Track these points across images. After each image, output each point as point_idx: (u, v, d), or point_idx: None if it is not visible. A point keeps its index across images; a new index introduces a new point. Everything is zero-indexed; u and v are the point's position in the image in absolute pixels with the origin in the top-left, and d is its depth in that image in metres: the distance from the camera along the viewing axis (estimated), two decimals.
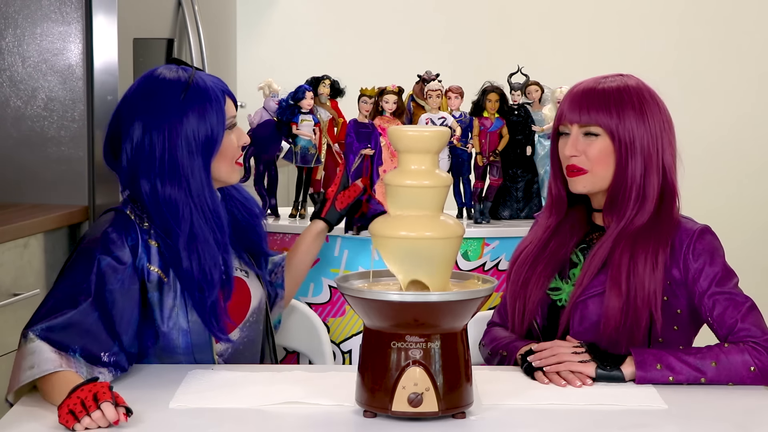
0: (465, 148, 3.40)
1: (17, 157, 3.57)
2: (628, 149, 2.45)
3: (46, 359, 2.18)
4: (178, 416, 2.12)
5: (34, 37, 3.54)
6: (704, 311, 2.46)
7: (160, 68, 2.46)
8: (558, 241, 2.54)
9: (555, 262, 2.53)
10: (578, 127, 2.47)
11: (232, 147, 2.47)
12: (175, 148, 2.38)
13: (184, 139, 2.38)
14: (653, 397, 2.25)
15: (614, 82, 2.49)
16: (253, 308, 2.57)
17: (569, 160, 2.48)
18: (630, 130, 2.45)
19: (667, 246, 2.44)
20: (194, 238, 2.39)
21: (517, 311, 2.54)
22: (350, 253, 3.25)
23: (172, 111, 2.39)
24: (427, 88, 3.43)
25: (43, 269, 3.32)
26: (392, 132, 2.11)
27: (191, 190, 2.39)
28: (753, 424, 2.14)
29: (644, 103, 2.48)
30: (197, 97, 2.40)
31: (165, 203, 2.39)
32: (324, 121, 3.46)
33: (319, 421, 2.10)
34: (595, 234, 2.54)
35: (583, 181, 2.48)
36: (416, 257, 2.07)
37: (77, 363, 2.22)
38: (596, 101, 2.46)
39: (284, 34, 5.49)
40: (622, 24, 5.31)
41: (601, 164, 2.46)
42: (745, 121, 5.29)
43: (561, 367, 2.32)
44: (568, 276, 2.52)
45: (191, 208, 2.39)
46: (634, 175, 2.45)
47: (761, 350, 2.38)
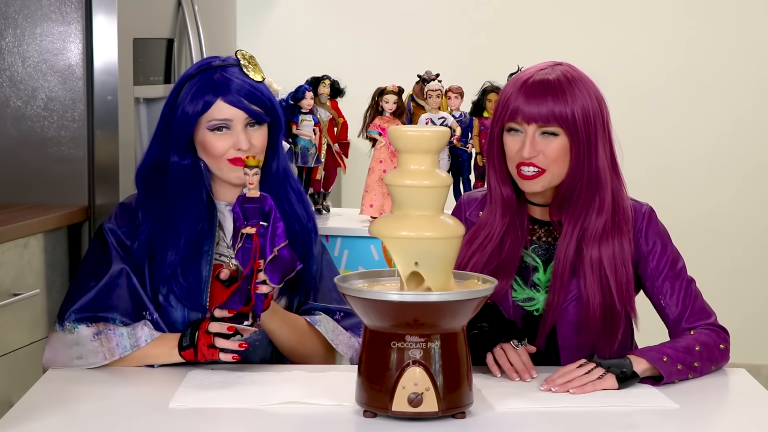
0: (465, 148, 3.41)
1: (17, 157, 3.57)
2: (588, 145, 2.39)
3: (90, 351, 2.41)
4: (178, 416, 2.12)
5: (34, 37, 3.54)
6: (656, 293, 2.48)
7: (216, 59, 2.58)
8: (511, 242, 2.47)
9: (511, 266, 2.47)
10: (536, 127, 2.39)
11: (215, 147, 2.49)
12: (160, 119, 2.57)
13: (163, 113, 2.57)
14: (658, 397, 2.25)
15: (561, 72, 2.41)
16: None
17: (526, 159, 2.39)
18: (587, 125, 2.39)
19: (630, 237, 2.44)
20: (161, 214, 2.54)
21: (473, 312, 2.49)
22: (350, 253, 3.25)
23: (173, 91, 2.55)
24: (427, 88, 3.43)
25: (43, 269, 3.31)
26: (392, 132, 2.11)
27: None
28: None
29: (591, 92, 2.41)
30: (188, 86, 2.51)
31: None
32: (324, 121, 3.46)
33: (319, 421, 2.10)
34: (541, 230, 2.50)
35: (542, 182, 2.41)
36: (416, 257, 2.07)
37: (119, 337, 2.41)
38: (553, 97, 2.38)
39: (284, 34, 5.49)
40: (622, 24, 5.31)
41: (558, 163, 2.40)
42: (745, 121, 5.29)
43: (587, 388, 2.26)
44: (534, 282, 2.49)
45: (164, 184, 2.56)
46: (590, 169, 2.41)
47: (717, 330, 2.46)
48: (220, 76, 2.50)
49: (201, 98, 2.49)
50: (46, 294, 3.33)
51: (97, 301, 2.47)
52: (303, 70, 4.00)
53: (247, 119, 2.50)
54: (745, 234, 5.29)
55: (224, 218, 2.56)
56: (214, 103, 2.49)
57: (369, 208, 3.48)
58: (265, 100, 2.52)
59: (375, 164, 3.49)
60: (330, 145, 3.52)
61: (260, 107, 2.51)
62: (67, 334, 2.44)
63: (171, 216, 2.52)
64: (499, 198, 2.47)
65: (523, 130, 2.40)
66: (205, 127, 2.50)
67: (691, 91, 5.27)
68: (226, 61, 2.55)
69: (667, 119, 5.26)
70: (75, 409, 2.17)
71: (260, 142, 2.51)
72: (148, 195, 2.55)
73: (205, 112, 2.49)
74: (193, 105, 2.50)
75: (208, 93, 2.49)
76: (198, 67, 2.55)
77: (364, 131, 3.51)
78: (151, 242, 2.52)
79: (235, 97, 2.49)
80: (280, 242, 2.28)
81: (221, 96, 2.49)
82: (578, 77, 2.42)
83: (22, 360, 3.18)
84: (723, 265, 5.23)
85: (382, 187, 3.43)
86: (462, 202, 2.61)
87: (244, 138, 2.49)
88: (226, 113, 2.49)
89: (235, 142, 2.49)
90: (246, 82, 2.51)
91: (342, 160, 3.61)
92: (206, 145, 2.51)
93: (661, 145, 5.28)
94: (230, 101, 2.49)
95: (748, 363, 4.76)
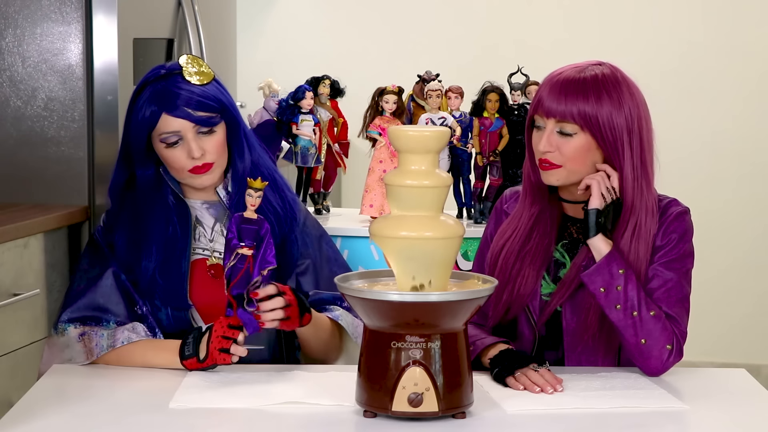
0: (465, 148, 3.40)
1: (17, 157, 3.57)
2: (615, 152, 2.40)
3: (77, 351, 2.45)
4: (178, 416, 2.12)
5: (34, 37, 3.54)
6: (649, 275, 2.44)
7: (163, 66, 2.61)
8: (540, 232, 2.49)
9: (540, 256, 2.49)
10: (554, 123, 2.41)
11: (173, 159, 2.55)
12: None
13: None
14: (664, 398, 2.25)
15: (593, 72, 2.42)
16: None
17: (542, 154, 2.42)
18: (612, 131, 2.39)
19: (648, 251, 2.43)
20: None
21: (503, 303, 2.50)
22: (350, 253, 3.25)
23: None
24: (427, 88, 3.43)
25: (43, 269, 3.31)
26: (392, 132, 2.11)
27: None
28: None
29: (626, 100, 2.41)
30: (139, 99, 2.56)
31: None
32: (324, 121, 3.46)
33: (319, 421, 2.10)
34: (573, 228, 2.52)
35: (556, 175, 2.43)
36: (416, 257, 2.07)
37: (99, 338, 2.45)
38: (574, 95, 2.39)
39: (284, 34, 5.49)
40: (621, 24, 5.31)
41: (575, 160, 2.41)
42: (743, 121, 5.29)
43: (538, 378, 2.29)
44: (560, 278, 2.50)
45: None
46: (623, 170, 2.41)
47: (675, 334, 2.40)
48: (164, 88, 2.53)
49: (148, 110, 2.53)
50: (46, 294, 3.33)
51: (89, 302, 2.51)
52: (303, 70, 4.00)
53: (196, 127, 2.53)
54: (745, 233, 5.29)
55: (201, 214, 2.62)
56: (160, 116, 2.53)
57: (369, 208, 3.48)
58: (212, 103, 2.55)
59: (375, 164, 3.49)
60: (330, 145, 3.51)
61: (208, 112, 2.54)
62: (59, 336, 2.48)
63: (140, 227, 2.57)
64: (530, 185, 2.50)
65: (543, 125, 2.43)
66: (159, 140, 2.55)
67: (689, 91, 5.27)
68: (170, 69, 2.57)
69: (665, 119, 5.26)
70: (75, 408, 2.17)
71: (212, 146, 2.56)
72: (121, 211, 2.61)
73: (152, 124, 2.54)
74: (141, 121, 2.54)
75: (152, 105, 2.53)
76: (144, 79, 2.58)
77: (364, 131, 3.51)
78: (129, 255, 2.56)
79: (179, 108, 2.52)
80: (266, 266, 2.31)
81: (165, 110, 2.52)
82: (615, 81, 2.42)
83: (22, 360, 3.18)
84: (723, 264, 5.23)
85: (382, 187, 3.43)
86: (504, 195, 2.65)
87: (195, 146, 2.53)
88: (173, 125, 2.53)
89: (188, 151, 2.53)
90: (189, 90, 2.53)
91: (342, 160, 3.61)
92: (165, 158, 2.57)
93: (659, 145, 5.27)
94: (175, 114, 2.52)
95: (748, 363, 4.77)
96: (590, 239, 2.40)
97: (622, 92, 2.42)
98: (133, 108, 2.57)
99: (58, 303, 3.37)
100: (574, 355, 2.47)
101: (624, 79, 2.44)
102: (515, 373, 2.30)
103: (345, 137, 3.63)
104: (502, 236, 2.53)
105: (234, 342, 2.34)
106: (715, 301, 5.20)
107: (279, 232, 2.61)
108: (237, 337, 2.34)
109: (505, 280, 2.48)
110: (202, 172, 2.56)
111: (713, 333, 5.20)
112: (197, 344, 2.37)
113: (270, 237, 2.31)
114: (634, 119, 2.42)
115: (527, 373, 2.30)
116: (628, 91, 2.43)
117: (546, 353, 2.50)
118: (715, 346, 5.23)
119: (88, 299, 2.51)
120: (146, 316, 2.50)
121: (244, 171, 2.61)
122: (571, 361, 2.48)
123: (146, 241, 2.56)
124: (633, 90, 2.44)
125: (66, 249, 3.45)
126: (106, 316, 2.49)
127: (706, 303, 5.14)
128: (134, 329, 2.46)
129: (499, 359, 2.35)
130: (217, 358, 2.34)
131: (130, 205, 2.60)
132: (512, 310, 2.50)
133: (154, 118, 2.53)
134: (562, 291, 2.46)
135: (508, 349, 2.38)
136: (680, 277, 2.45)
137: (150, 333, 2.48)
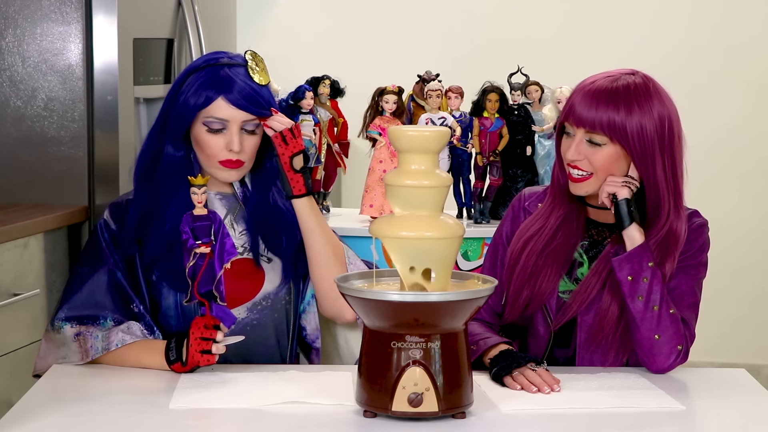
0: (465, 148, 3.41)
1: (17, 157, 3.57)
2: (645, 163, 2.41)
3: (73, 351, 2.45)
4: (177, 417, 2.12)
5: (34, 37, 3.54)
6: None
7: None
8: (564, 233, 2.51)
9: (563, 256, 2.50)
10: (584, 132, 2.42)
11: (209, 145, 2.53)
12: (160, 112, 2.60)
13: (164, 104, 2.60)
14: (663, 398, 2.25)
15: (625, 82, 2.41)
16: (267, 293, 2.59)
17: (571, 161, 2.44)
18: (642, 141, 2.39)
19: (674, 261, 2.45)
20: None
21: (522, 300, 2.51)
22: None
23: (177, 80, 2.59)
24: (427, 88, 3.43)
25: (43, 269, 3.32)
26: (392, 132, 2.11)
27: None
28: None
29: (657, 110, 2.41)
30: (193, 78, 2.54)
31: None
32: (324, 121, 3.46)
33: (319, 421, 2.10)
34: (594, 231, 2.53)
35: (585, 187, 2.45)
36: (416, 257, 2.07)
37: (94, 339, 2.43)
38: (604, 105, 2.39)
39: (284, 34, 5.49)
40: (621, 23, 5.31)
41: (606, 170, 2.43)
42: (742, 121, 5.29)
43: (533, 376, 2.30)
44: (577, 277, 2.51)
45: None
46: (649, 187, 2.43)
47: (688, 341, 2.44)
48: (226, 74, 2.53)
49: (204, 92, 2.52)
50: (46, 294, 3.33)
51: (85, 300, 2.50)
52: (303, 70, 4.00)
53: (244, 122, 2.53)
54: (745, 233, 5.29)
55: (213, 205, 2.61)
56: (215, 99, 2.52)
57: (369, 208, 3.48)
58: (264, 104, 2.55)
59: (375, 164, 3.49)
60: (330, 145, 3.52)
61: (258, 109, 2.54)
62: (55, 334, 2.48)
63: (159, 205, 2.55)
64: (558, 188, 2.52)
65: (573, 132, 2.44)
66: (202, 122, 2.53)
67: (687, 88, 5.27)
68: (234, 59, 2.57)
69: None
70: (75, 409, 2.17)
71: (250, 146, 2.56)
72: (141, 185, 2.58)
73: (205, 106, 2.52)
74: (195, 97, 2.53)
75: (211, 88, 2.52)
76: (205, 60, 2.57)
77: (364, 131, 3.51)
78: (139, 229, 2.55)
79: (236, 97, 2.52)
80: (230, 257, 2.32)
81: (223, 94, 2.52)
82: (647, 92, 2.42)
83: (22, 360, 3.18)
84: (723, 264, 5.23)
85: (382, 187, 3.43)
86: (522, 194, 2.65)
87: (236, 140, 2.52)
88: (225, 113, 2.52)
89: (227, 142, 2.52)
90: (249, 85, 2.54)
91: (342, 160, 3.61)
92: (201, 142, 2.55)
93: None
94: (231, 100, 2.52)
95: (748, 363, 4.77)
96: (626, 229, 2.41)
97: (653, 103, 2.41)
98: (184, 85, 2.55)
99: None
100: (586, 354, 2.48)
101: (656, 90, 2.44)
102: (513, 373, 2.31)
103: (345, 137, 3.63)
104: (525, 233, 2.54)
105: (214, 341, 2.33)
106: (716, 301, 5.20)
107: (285, 239, 2.61)
108: (215, 337, 2.33)
109: (526, 277, 2.50)
110: (231, 167, 2.55)
111: (713, 333, 5.20)
112: (179, 348, 2.36)
113: (225, 228, 2.32)
114: (665, 130, 2.42)
115: (525, 372, 2.30)
116: (659, 101, 2.43)
117: (556, 350, 2.50)
118: (715, 346, 5.23)
119: (85, 296, 2.50)
120: (143, 315, 2.49)
121: (270, 171, 2.62)
122: (583, 361, 2.48)
123: (160, 219, 2.54)
124: (665, 100, 2.44)
125: (66, 249, 3.45)
126: (102, 313, 2.48)
127: (707, 303, 5.11)
128: (129, 329, 2.45)
129: (498, 359, 2.35)
130: (200, 361, 2.34)
131: (151, 182, 2.57)
132: (530, 308, 2.51)
133: (208, 101, 2.51)
134: (583, 296, 2.47)
135: (508, 350, 2.38)
136: (694, 284, 2.49)
137: (147, 330, 2.47)
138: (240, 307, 2.56)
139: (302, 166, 2.56)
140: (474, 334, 2.46)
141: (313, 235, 2.59)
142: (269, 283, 2.60)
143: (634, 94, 2.40)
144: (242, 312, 2.57)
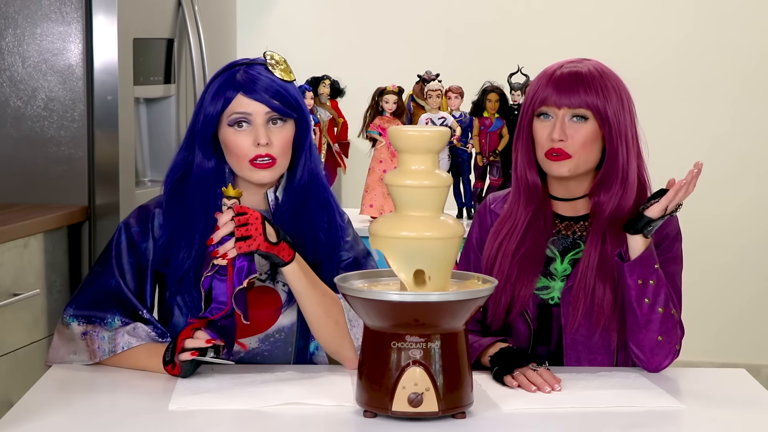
0: (465, 148, 3.41)
1: (17, 157, 3.57)
2: (618, 132, 2.45)
3: (81, 348, 2.45)
4: (177, 418, 2.12)
5: (34, 37, 3.55)
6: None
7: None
8: (534, 234, 2.51)
9: (537, 259, 2.50)
10: (567, 110, 2.44)
11: (236, 145, 2.44)
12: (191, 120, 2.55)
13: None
14: (663, 398, 2.25)
15: (590, 65, 2.48)
16: (282, 326, 2.51)
17: (555, 143, 2.44)
18: (615, 113, 2.45)
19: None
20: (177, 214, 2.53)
21: (502, 306, 2.50)
22: None
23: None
24: (427, 88, 3.43)
25: (43, 269, 3.32)
26: (392, 132, 2.11)
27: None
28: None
29: (620, 88, 2.48)
30: (214, 84, 2.49)
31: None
32: (324, 121, 3.46)
33: (319, 421, 2.10)
34: (561, 225, 2.53)
35: (567, 165, 2.45)
36: (416, 257, 2.07)
37: (101, 341, 2.43)
38: (584, 85, 2.44)
39: (284, 34, 5.49)
40: (621, 23, 5.31)
41: (585, 149, 2.45)
42: (741, 121, 5.29)
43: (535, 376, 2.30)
44: (550, 272, 2.51)
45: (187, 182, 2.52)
46: (624, 157, 2.46)
47: (680, 338, 2.45)
48: (243, 74, 2.46)
49: (222, 95, 2.44)
50: (46, 294, 3.33)
51: (94, 299, 2.48)
52: (303, 70, 4.00)
53: (268, 114, 2.44)
54: (745, 233, 5.28)
55: None
56: (234, 98, 2.44)
57: (369, 208, 3.48)
58: (290, 99, 2.46)
59: (375, 164, 3.49)
60: (330, 145, 3.52)
61: (283, 105, 2.45)
62: (65, 328, 2.48)
63: (186, 219, 2.48)
64: (524, 186, 2.51)
65: (553, 115, 2.45)
66: (227, 124, 2.45)
67: (685, 90, 5.27)
68: (253, 60, 2.51)
69: (662, 119, 5.26)
70: (75, 409, 2.17)
71: (281, 140, 2.45)
72: (173, 198, 2.50)
73: (226, 107, 2.44)
74: (214, 103, 2.45)
75: (229, 89, 2.44)
76: (224, 67, 2.51)
77: (364, 131, 3.52)
78: (169, 247, 2.48)
79: (256, 92, 2.43)
80: (249, 275, 2.29)
81: (241, 91, 2.44)
82: (608, 72, 2.49)
83: (22, 360, 3.18)
84: (722, 264, 5.23)
85: (382, 187, 3.44)
86: (487, 199, 2.65)
87: (263, 132, 2.42)
88: (246, 107, 2.43)
89: (255, 137, 2.43)
90: (270, 78, 2.46)
91: (342, 160, 3.62)
92: (228, 143, 2.45)
93: (656, 145, 5.27)
94: (251, 95, 2.43)
95: (748, 363, 4.77)
96: (632, 235, 2.41)
97: (621, 87, 2.48)
98: (208, 90, 2.48)
99: (58, 303, 3.38)
100: (572, 353, 2.48)
101: (610, 71, 2.50)
102: (514, 373, 2.31)
103: (345, 137, 3.63)
104: (497, 237, 2.53)
105: (190, 340, 2.31)
106: (715, 301, 5.20)
107: (319, 257, 2.51)
108: (201, 327, 2.31)
109: (503, 280, 2.49)
110: (264, 167, 2.43)
111: (713, 333, 5.20)
112: (173, 352, 2.34)
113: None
114: (633, 112, 2.49)
115: (526, 372, 2.30)
116: (622, 86, 2.49)
117: (538, 348, 2.50)
118: (715, 346, 5.23)
119: (95, 295, 2.48)
120: (152, 321, 2.46)
121: (302, 179, 2.52)
122: (569, 360, 2.48)
123: (189, 236, 2.47)
124: (618, 81, 2.50)
125: (66, 249, 3.45)
126: (110, 313, 2.45)
127: (706, 303, 5.14)
128: (135, 331, 2.43)
129: (499, 357, 2.35)
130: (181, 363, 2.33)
131: (181, 196, 2.49)
132: (512, 313, 2.50)
133: (228, 101, 2.44)
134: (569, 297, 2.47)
135: (508, 347, 2.38)
136: (675, 277, 2.50)
137: (156, 332, 2.43)
138: (252, 338, 2.49)
139: (277, 235, 2.36)
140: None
141: (301, 299, 2.44)
142: (285, 318, 2.51)
143: (601, 75, 2.46)
144: (254, 342, 2.49)
